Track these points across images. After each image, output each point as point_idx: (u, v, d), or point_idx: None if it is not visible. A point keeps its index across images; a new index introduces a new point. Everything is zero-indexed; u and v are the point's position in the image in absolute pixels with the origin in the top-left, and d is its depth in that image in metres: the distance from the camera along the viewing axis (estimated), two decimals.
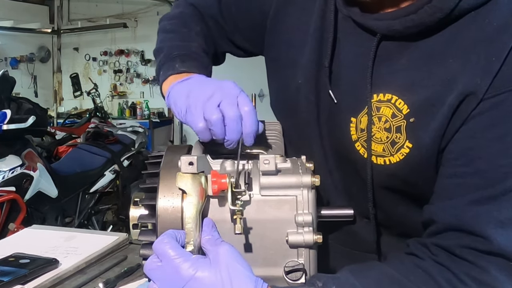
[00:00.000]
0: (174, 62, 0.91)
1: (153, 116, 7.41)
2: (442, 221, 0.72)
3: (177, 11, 1.07)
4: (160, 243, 0.64)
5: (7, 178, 2.81)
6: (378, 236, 0.90)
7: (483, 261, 0.67)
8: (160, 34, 1.04)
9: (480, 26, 0.72)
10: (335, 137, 0.88)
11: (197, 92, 0.76)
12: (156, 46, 1.02)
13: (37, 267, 1.06)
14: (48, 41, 8.57)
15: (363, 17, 0.80)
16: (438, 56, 0.75)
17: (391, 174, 0.81)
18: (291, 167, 0.75)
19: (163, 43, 1.00)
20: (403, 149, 0.78)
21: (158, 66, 0.96)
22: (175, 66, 0.89)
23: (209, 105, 0.72)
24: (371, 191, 0.84)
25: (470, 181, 0.70)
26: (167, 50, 0.95)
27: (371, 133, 0.80)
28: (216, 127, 0.72)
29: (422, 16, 0.73)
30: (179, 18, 1.05)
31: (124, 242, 1.29)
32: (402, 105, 0.77)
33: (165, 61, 0.93)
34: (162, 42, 1.01)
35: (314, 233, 0.70)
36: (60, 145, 4.21)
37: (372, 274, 0.70)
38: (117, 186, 3.78)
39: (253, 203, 0.71)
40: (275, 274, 0.71)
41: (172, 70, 0.89)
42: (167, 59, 0.93)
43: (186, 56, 0.93)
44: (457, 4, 0.71)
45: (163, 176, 0.69)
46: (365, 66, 0.80)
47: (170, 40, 1.00)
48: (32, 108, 3.15)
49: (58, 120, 7.59)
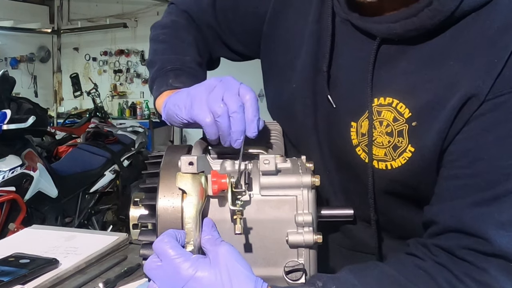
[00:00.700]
0: (167, 77, 0.90)
1: (153, 116, 7.40)
2: (442, 222, 0.72)
3: (169, 20, 1.06)
4: (160, 242, 0.64)
5: (7, 178, 2.81)
6: (379, 240, 0.90)
7: (484, 262, 0.67)
8: (153, 44, 1.03)
9: (481, 27, 0.72)
10: (334, 142, 0.87)
11: (198, 88, 0.74)
12: (149, 57, 1.01)
13: (37, 267, 1.06)
14: (48, 41, 8.58)
15: (362, 20, 0.79)
16: (439, 59, 0.74)
17: (393, 179, 0.80)
18: (291, 167, 0.75)
19: (155, 56, 0.99)
20: (405, 153, 0.77)
21: (151, 79, 0.95)
22: (169, 82, 0.89)
23: (212, 98, 0.70)
24: (372, 196, 0.83)
25: (471, 182, 0.70)
26: (160, 64, 0.95)
27: (372, 137, 0.79)
28: (222, 118, 0.69)
29: (423, 18, 0.72)
30: (171, 28, 1.04)
31: (124, 242, 1.28)
32: (403, 109, 0.76)
33: (157, 75, 0.93)
34: (155, 54, 1.00)
35: (314, 233, 0.70)
36: (60, 145, 4.21)
37: (372, 274, 0.70)
38: (117, 186, 3.78)
39: (253, 203, 0.71)
40: (275, 274, 0.71)
41: (166, 86, 0.89)
42: (160, 73, 0.93)
43: (179, 70, 0.93)
44: (458, 6, 0.71)
45: (163, 176, 0.69)
46: (365, 70, 0.79)
47: (162, 52, 0.99)
48: (32, 108, 3.15)
49: (58, 120, 7.60)
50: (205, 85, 0.73)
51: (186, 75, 0.92)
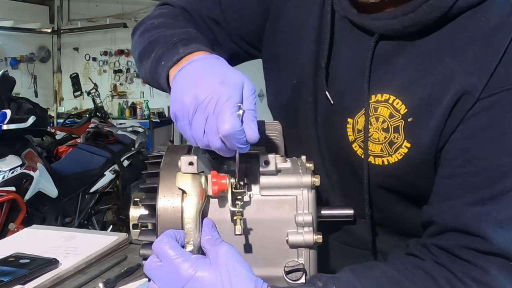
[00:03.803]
0: (177, 48, 0.78)
1: (153, 116, 7.41)
2: (441, 222, 0.72)
3: (159, 11, 0.98)
4: (160, 243, 0.64)
5: (7, 178, 2.81)
6: (374, 235, 0.90)
7: (483, 261, 0.67)
8: (145, 34, 0.89)
9: (477, 24, 0.72)
10: (332, 138, 0.87)
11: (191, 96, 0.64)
12: (143, 46, 0.87)
13: (37, 267, 1.06)
14: (48, 41, 8.57)
15: (360, 17, 0.80)
16: (435, 55, 0.75)
17: (390, 175, 0.80)
18: (291, 167, 0.75)
19: (153, 36, 0.86)
20: (402, 149, 0.78)
21: (155, 60, 0.80)
22: (179, 52, 0.76)
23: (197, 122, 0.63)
24: (367, 191, 0.84)
25: (469, 181, 0.70)
26: (165, 39, 0.82)
27: (368, 133, 0.80)
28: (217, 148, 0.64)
29: (421, 14, 0.73)
30: (165, 16, 0.95)
31: (124, 242, 1.28)
32: (400, 105, 0.77)
33: (164, 52, 0.79)
34: (153, 35, 0.86)
35: (314, 233, 0.70)
36: (60, 145, 4.21)
37: (372, 274, 0.70)
38: (117, 186, 3.78)
39: (253, 203, 0.71)
40: (275, 274, 0.71)
41: (177, 55, 0.75)
42: (166, 49, 0.79)
43: (187, 40, 0.80)
44: (455, 2, 0.71)
45: (163, 176, 0.69)
46: (362, 67, 0.80)
47: (164, 30, 0.86)
48: (32, 108, 3.15)
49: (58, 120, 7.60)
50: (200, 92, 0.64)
51: (195, 41, 0.80)
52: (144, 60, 0.86)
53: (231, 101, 0.62)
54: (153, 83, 0.85)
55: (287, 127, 0.94)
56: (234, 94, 0.63)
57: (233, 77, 0.65)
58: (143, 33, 0.91)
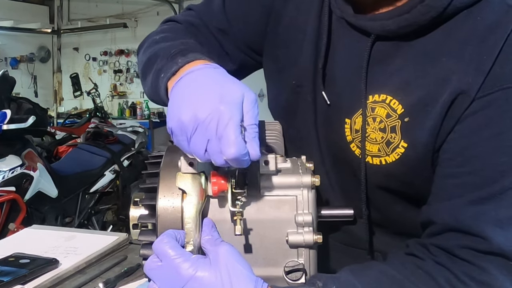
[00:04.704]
0: (175, 59, 0.76)
1: (153, 116, 7.41)
2: (440, 222, 0.72)
3: (163, 27, 0.98)
4: (160, 243, 0.64)
5: (7, 178, 2.81)
6: (371, 234, 0.91)
7: (483, 261, 0.67)
8: (146, 51, 0.89)
9: (473, 24, 0.72)
10: (331, 138, 0.88)
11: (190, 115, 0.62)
12: (144, 62, 0.87)
13: (37, 267, 1.06)
14: (48, 41, 8.58)
15: (357, 18, 0.80)
16: (431, 55, 0.75)
17: (387, 174, 0.81)
18: (291, 167, 0.75)
19: (153, 51, 0.85)
20: (398, 149, 0.78)
21: (156, 73, 0.79)
22: (177, 62, 0.74)
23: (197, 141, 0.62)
24: (364, 191, 0.84)
25: (467, 181, 0.70)
26: (164, 52, 0.81)
27: (365, 134, 0.80)
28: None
29: (416, 15, 0.73)
30: (167, 30, 0.95)
31: (124, 242, 1.28)
32: (396, 105, 0.77)
33: (164, 64, 0.78)
34: (153, 50, 0.86)
35: (314, 233, 0.70)
36: (60, 145, 4.22)
37: (372, 274, 0.70)
38: (117, 186, 3.78)
39: (253, 203, 0.71)
40: (275, 274, 0.71)
41: (176, 66, 0.74)
42: (165, 61, 0.78)
43: (186, 50, 0.79)
44: (450, 2, 0.71)
45: (163, 176, 0.69)
46: (359, 67, 0.80)
47: (164, 44, 0.86)
48: (32, 108, 3.15)
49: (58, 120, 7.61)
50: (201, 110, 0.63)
51: (194, 51, 0.78)
52: (147, 75, 0.85)
53: (233, 123, 0.60)
54: (155, 98, 0.83)
55: (287, 127, 0.95)
56: (235, 113, 0.61)
57: (232, 92, 0.63)
58: (145, 50, 0.91)
